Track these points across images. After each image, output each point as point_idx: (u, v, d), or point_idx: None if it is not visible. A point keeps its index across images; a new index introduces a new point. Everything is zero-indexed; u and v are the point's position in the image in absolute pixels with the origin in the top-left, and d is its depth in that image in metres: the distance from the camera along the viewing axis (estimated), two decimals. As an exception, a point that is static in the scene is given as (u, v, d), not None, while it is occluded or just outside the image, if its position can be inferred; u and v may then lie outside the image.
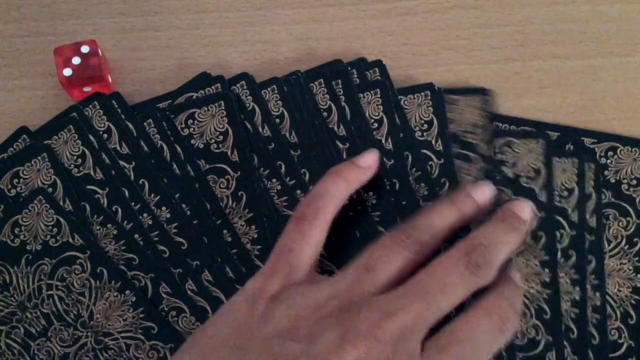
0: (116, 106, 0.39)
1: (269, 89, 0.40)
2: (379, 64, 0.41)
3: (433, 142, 0.39)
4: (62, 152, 0.38)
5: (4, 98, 0.41)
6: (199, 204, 0.37)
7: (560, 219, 0.37)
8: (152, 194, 0.37)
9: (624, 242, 0.38)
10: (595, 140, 0.40)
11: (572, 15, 0.44)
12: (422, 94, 0.40)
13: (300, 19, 0.44)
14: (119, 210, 0.37)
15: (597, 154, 0.40)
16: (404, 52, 0.43)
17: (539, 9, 0.44)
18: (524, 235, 0.34)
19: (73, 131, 0.38)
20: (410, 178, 0.38)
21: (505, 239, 0.32)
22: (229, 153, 0.38)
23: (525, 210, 0.34)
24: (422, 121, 0.40)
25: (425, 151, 0.39)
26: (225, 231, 0.37)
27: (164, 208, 0.37)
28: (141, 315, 0.35)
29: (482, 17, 0.44)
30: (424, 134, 0.39)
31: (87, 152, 0.38)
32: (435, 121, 0.40)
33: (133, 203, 0.37)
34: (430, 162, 0.39)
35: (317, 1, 0.44)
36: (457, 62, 0.43)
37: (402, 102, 0.40)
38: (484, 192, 0.35)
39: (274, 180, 0.38)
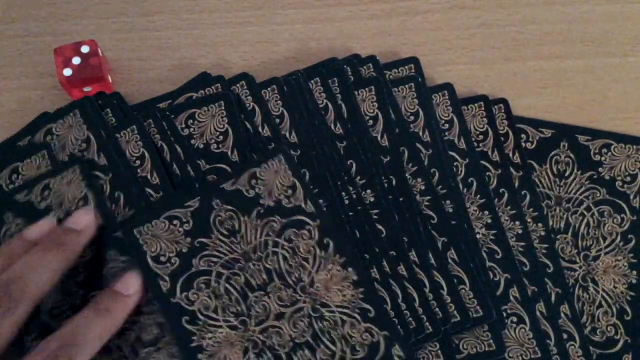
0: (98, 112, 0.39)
1: (269, 89, 0.40)
2: (373, 59, 0.41)
3: (420, 133, 0.39)
4: (67, 137, 0.38)
5: (4, 98, 0.41)
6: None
7: None
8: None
9: (618, 239, 0.38)
10: (589, 138, 0.40)
11: (572, 15, 0.44)
12: (407, 85, 0.40)
13: (300, 19, 0.44)
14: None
15: (592, 151, 0.40)
16: (404, 52, 0.43)
17: (539, 9, 0.44)
18: (125, 312, 0.33)
19: (79, 115, 0.38)
20: (407, 174, 0.38)
21: (93, 328, 0.31)
22: (229, 153, 0.38)
23: (130, 285, 0.33)
24: (409, 113, 0.40)
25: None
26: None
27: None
28: (360, 296, 0.34)
29: (482, 17, 0.44)
30: (411, 125, 0.39)
31: (91, 137, 0.38)
32: (420, 112, 0.40)
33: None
34: (420, 154, 0.39)
35: (317, 1, 0.44)
36: (457, 62, 0.43)
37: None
38: (34, 228, 0.34)
39: (274, 180, 0.38)
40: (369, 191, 0.38)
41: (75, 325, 0.31)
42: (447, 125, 0.40)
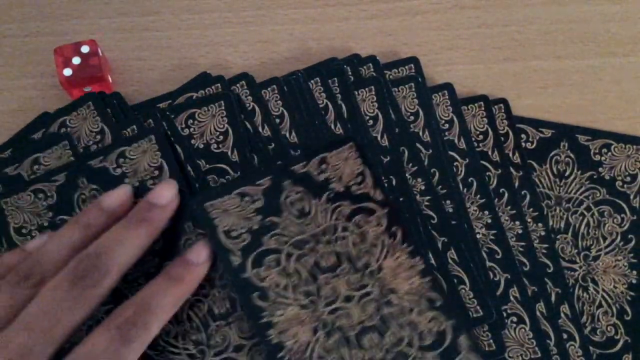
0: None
1: (269, 89, 0.40)
2: (372, 59, 0.41)
3: (420, 133, 0.39)
4: (81, 129, 0.38)
5: (4, 98, 0.41)
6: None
7: None
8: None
9: (618, 239, 0.38)
10: (590, 138, 0.40)
11: (572, 15, 0.44)
12: (407, 85, 0.40)
13: (300, 19, 0.44)
14: None
15: (592, 151, 0.40)
16: (404, 52, 0.43)
17: (539, 9, 0.44)
18: (196, 281, 0.33)
19: (92, 107, 0.39)
20: (407, 174, 0.38)
21: (167, 295, 0.32)
22: (229, 153, 0.38)
23: (201, 254, 0.34)
24: (409, 113, 0.40)
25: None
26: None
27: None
28: (428, 285, 0.35)
29: (482, 17, 0.44)
30: (411, 125, 0.40)
31: (106, 129, 0.38)
32: (421, 112, 0.40)
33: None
34: (420, 153, 0.39)
35: (317, 1, 0.44)
36: (457, 62, 0.43)
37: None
38: (112, 197, 0.34)
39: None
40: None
41: (149, 293, 0.32)
42: (447, 125, 0.40)
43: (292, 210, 0.35)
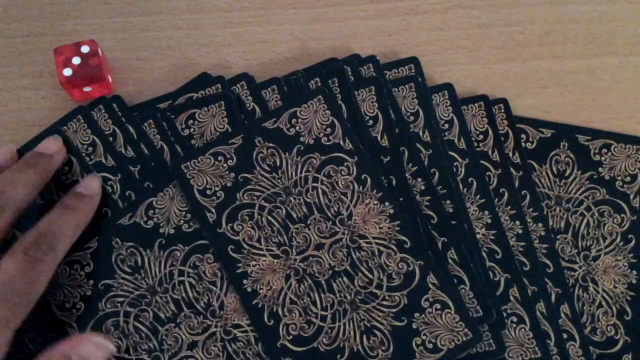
0: (112, 113, 0.40)
1: (269, 89, 0.40)
2: (372, 59, 0.41)
3: (420, 133, 0.39)
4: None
5: (4, 98, 0.41)
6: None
7: None
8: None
9: (618, 239, 0.38)
10: (590, 138, 0.40)
11: (572, 15, 0.44)
12: (407, 85, 0.40)
13: (300, 19, 0.44)
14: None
15: (592, 151, 0.40)
16: (404, 53, 0.43)
17: (539, 9, 0.44)
18: (91, 211, 0.36)
19: (82, 120, 0.39)
20: (407, 174, 0.38)
21: (67, 221, 0.34)
22: (229, 153, 0.38)
23: (91, 186, 0.36)
24: (409, 113, 0.40)
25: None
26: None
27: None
28: (396, 228, 0.36)
29: (482, 17, 0.44)
30: (411, 125, 0.40)
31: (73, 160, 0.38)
32: (421, 112, 0.40)
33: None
34: (420, 153, 0.39)
35: (317, 1, 0.44)
36: (457, 62, 0.43)
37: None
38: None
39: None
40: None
41: (49, 220, 0.34)
42: (447, 125, 0.40)
43: (263, 166, 0.37)
